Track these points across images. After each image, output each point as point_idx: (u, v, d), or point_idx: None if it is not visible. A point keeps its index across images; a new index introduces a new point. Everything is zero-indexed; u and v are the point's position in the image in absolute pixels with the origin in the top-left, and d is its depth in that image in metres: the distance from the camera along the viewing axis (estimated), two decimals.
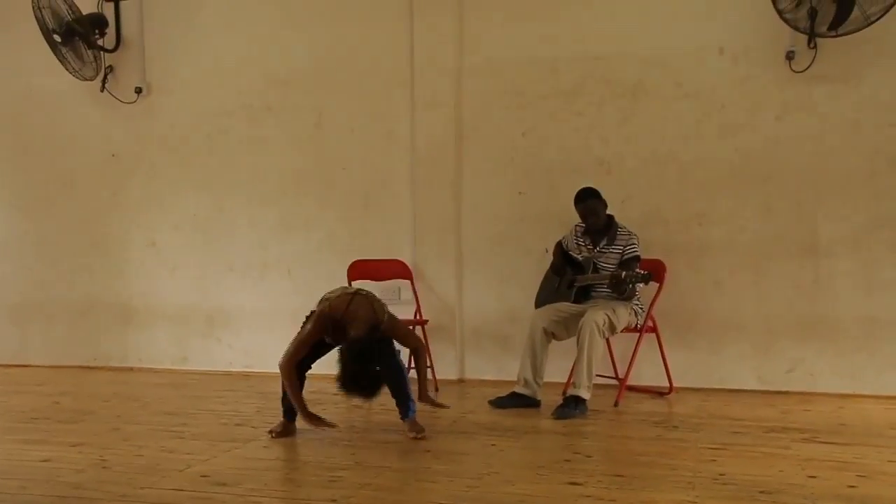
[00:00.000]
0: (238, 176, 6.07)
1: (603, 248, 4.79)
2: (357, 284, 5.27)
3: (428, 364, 4.67)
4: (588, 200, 4.81)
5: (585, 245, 4.89)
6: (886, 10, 4.51)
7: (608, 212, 4.88)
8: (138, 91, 6.18)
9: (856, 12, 4.55)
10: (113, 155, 6.32)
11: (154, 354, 6.25)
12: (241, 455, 3.68)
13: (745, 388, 5.12)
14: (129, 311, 6.32)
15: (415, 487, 3.18)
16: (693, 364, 5.19)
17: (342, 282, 5.34)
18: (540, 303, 4.98)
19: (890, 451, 3.68)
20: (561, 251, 5.06)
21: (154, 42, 6.19)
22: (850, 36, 4.67)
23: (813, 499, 2.99)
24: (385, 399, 4.22)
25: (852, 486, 3.14)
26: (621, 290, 4.59)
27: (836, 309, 4.99)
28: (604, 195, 4.86)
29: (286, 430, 4.08)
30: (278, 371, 3.98)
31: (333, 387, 3.83)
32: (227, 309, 6.11)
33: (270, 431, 4.06)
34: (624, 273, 4.51)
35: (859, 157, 4.95)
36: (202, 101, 6.11)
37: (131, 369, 6.25)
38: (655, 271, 4.91)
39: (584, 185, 4.91)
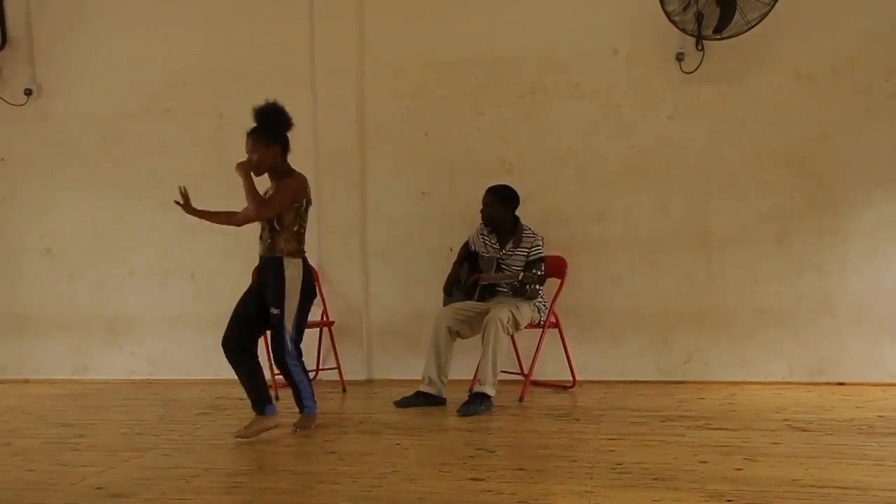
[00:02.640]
0: (137, 180, 5.90)
1: (509, 250, 4.83)
2: None
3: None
4: (486, 195, 4.88)
5: (492, 244, 4.92)
6: (763, 17, 4.73)
7: (516, 214, 4.91)
8: (28, 93, 5.94)
9: (737, 17, 4.75)
10: (2, 159, 6.07)
11: (52, 365, 6.02)
12: (140, 465, 3.58)
13: (645, 379, 5.26)
14: (23, 321, 6.07)
15: (317, 490, 3.16)
16: (595, 357, 5.30)
17: (246, 286, 5.24)
18: (446, 301, 4.97)
19: (774, 434, 3.85)
20: (466, 250, 5.08)
21: (43, 41, 5.96)
22: (734, 39, 4.87)
23: (703, 483, 3.11)
24: (291, 402, 4.19)
25: (739, 469, 3.28)
26: (523, 293, 4.66)
27: (727, 300, 5.18)
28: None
29: (257, 426, 3.98)
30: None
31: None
32: (129, 316, 5.93)
33: (238, 436, 3.96)
34: (521, 275, 4.57)
35: (745, 154, 5.16)
36: (97, 103, 5.91)
37: (27, 381, 6.00)
38: (557, 268, 5.03)
39: (489, 185, 4.93)
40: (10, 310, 6.09)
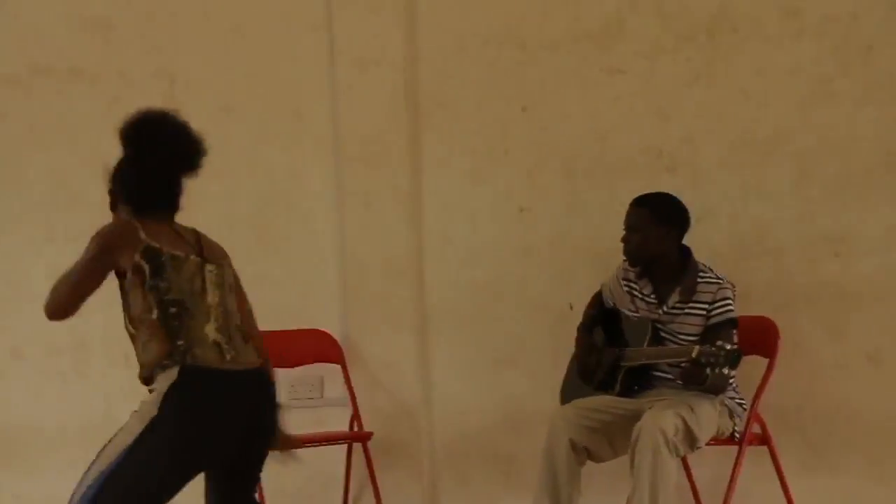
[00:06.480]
0: (25, 186, 6.02)
1: (675, 306, 4.66)
2: None
3: None
4: (631, 212, 4.78)
5: (644, 296, 4.75)
6: None
7: (684, 244, 4.78)
8: None
9: None
10: None
11: None
12: None
13: None
14: None
15: None
16: (841, 499, 5.01)
17: None
18: (568, 396, 4.84)
19: None
20: (599, 308, 4.97)
21: None
22: None
23: None
24: None
25: None
26: (701, 380, 4.42)
27: None
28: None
29: None
30: None
31: None
32: (11, 430, 5.98)
33: None
34: (696, 349, 4.34)
35: None
36: None
37: None
38: (762, 338, 4.84)
39: (636, 195, 4.81)
40: None
